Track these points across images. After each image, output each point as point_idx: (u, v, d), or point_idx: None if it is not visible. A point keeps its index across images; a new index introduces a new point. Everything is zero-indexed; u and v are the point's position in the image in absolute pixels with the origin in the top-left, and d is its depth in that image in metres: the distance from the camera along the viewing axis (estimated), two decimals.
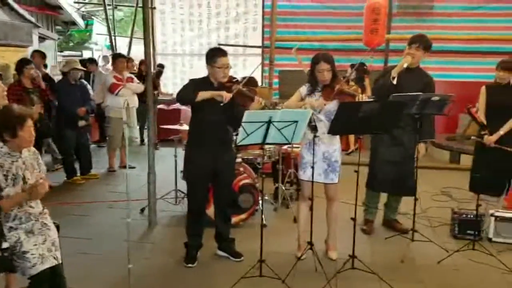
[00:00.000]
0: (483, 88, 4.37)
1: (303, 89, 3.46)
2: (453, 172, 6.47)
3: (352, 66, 7.11)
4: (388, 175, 4.02)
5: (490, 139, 4.14)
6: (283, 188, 4.86)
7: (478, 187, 4.39)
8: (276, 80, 8.88)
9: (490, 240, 3.96)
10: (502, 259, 3.53)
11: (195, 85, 3.31)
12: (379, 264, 3.50)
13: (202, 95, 3.20)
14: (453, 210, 4.16)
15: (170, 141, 5.15)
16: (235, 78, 3.35)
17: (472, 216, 3.93)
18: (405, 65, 3.74)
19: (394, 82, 3.75)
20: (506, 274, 3.36)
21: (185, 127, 4.34)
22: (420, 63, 4.13)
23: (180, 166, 3.80)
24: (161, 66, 8.70)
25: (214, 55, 3.27)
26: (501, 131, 4.14)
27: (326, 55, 3.34)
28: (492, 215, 3.98)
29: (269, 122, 2.83)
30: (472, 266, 3.49)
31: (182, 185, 4.25)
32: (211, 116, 3.24)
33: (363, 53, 6.22)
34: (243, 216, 4.28)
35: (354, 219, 3.29)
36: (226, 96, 3.13)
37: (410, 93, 3.50)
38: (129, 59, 7.78)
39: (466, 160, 6.34)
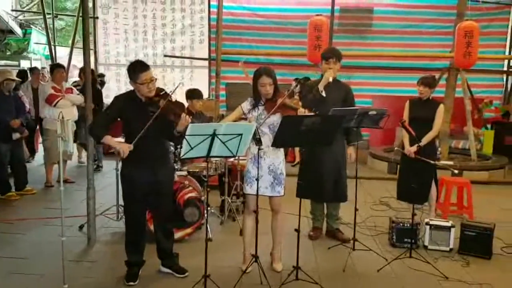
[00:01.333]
0: (407, 103, 4.72)
1: (246, 104, 3.47)
2: (391, 182, 6.72)
3: (296, 80, 7.28)
4: (316, 183, 4.08)
5: (410, 150, 4.43)
6: (229, 200, 4.86)
7: (404, 196, 4.68)
8: (223, 92, 8.94)
9: (426, 247, 4.15)
10: (438, 266, 3.70)
11: (116, 109, 3.22)
12: (322, 274, 3.57)
13: (106, 140, 3.13)
14: (391, 219, 4.33)
15: (112, 154, 4.99)
16: (163, 90, 3.20)
17: (408, 225, 4.11)
18: (330, 79, 3.92)
19: (324, 95, 3.93)
20: (442, 281, 3.51)
21: None
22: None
23: None
24: (101, 76, 8.46)
25: (135, 71, 3.13)
26: (421, 143, 4.43)
27: (268, 69, 3.39)
28: (427, 223, 4.19)
29: (213, 135, 2.83)
30: (410, 274, 3.63)
31: None
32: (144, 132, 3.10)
33: (308, 68, 6.41)
34: (188, 230, 4.21)
35: (297, 231, 3.34)
36: (125, 150, 3.05)
37: (349, 108, 3.66)
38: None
39: None
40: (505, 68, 9.52)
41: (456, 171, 4.62)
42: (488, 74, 9.31)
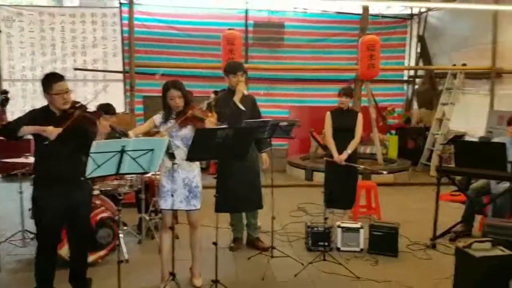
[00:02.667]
0: (328, 113, 4.96)
1: (158, 117, 3.44)
2: (308, 188, 7.02)
3: (215, 92, 7.34)
4: (234, 194, 4.12)
5: (340, 158, 4.70)
6: (147, 218, 4.72)
7: (331, 202, 4.90)
8: (140, 106, 8.72)
9: (338, 249, 4.36)
10: (349, 266, 3.91)
11: (31, 117, 3.02)
12: (242, 285, 3.61)
13: (26, 130, 2.93)
14: (306, 224, 4.49)
15: (12, 177, 4.61)
16: (78, 102, 3.09)
17: (322, 229, 4.29)
18: (245, 92, 4.05)
19: (243, 108, 4.03)
20: (354, 281, 3.70)
21: (32, 159, 3.95)
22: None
23: (27, 204, 3.42)
24: (5, 93, 7.80)
25: (49, 81, 3.00)
26: (349, 150, 4.74)
27: (176, 82, 3.39)
28: (339, 226, 4.41)
29: (122, 152, 2.74)
30: (324, 276, 3.77)
31: (30, 225, 3.82)
32: (57, 148, 2.95)
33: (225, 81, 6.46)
34: (102, 253, 4.01)
35: (215, 244, 3.33)
36: (52, 132, 2.87)
37: (261, 119, 3.77)
38: None
39: (319, 177, 6.98)
40: (405, 78, 10.40)
41: (384, 172, 5.00)
42: (390, 84, 10.10)
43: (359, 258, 4.20)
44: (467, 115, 8.34)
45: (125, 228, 4.70)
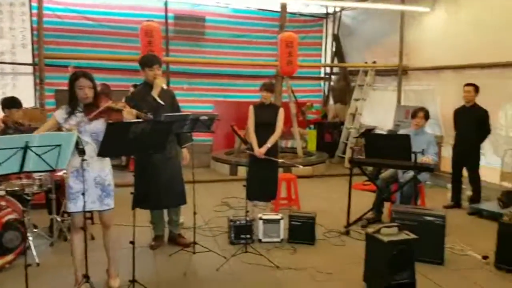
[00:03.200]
0: (251, 107, 5.01)
1: (60, 113, 3.16)
2: (232, 183, 7.08)
3: (134, 86, 7.09)
4: (152, 190, 4.05)
5: (260, 151, 4.79)
6: (59, 219, 4.43)
7: (253, 195, 4.97)
8: (52, 100, 8.15)
9: (260, 241, 4.45)
10: (270, 257, 4.00)
11: None
12: (163, 282, 3.54)
13: None
14: (229, 218, 4.52)
15: None
16: None
17: (244, 222, 4.35)
18: (164, 86, 3.97)
19: (162, 102, 3.93)
20: (274, 270, 3.80)
21: None
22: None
23: None
24: None
25: None
26: (268, 144, 4.83)
27: (86, 72, 3.19)
28: (260, 218, 4.49)
29: (25, 148, 2.53)
30: (246, 268, 3.83)
31: None
32: None
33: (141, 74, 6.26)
34: (9, 257, 3.71)
35: (132, 243, 3.22)
36: None
37: (180, 113, 3.70)
38: None
39: (243, 172, 7.05)
40: (322, 75, 10.85)
41: (300, 166, 5.16)
42: (308, 80, 10.50)
43: (279, 248, 4.32)
44: (377, 110, 8.93)
45: (35, 230, 4.39)
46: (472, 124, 5.51)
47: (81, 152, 2.93)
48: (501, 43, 6.04)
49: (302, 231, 4.46)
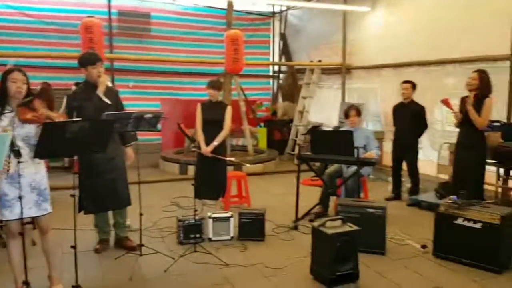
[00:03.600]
0: (198, 105, 5.00)
1: None
2: (182, 182, 7.00)
3: (76, 84, 6.82)
4: (96, 192, 3.95)
5: (206, 150, 4.78)
6: None
7: (201, 194, 4.94)
8: None
9: (210, 240, 4.44)
10: (219, 255, 4.00)
11: None
12: (109, 287, 3.44)
13: None
14: (177, 218, 4.46)
15: None
16: None
17: (193, 221, 4.32)
18: (109, 84, 3.90)
19: (108, 101, 3.83)
20: (223, 268, 3.80)
21: None
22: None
23: None
24: None
25: None
26: (215, 142, 4.83)
27: (20, 68, 3.03)
28: (210, 217, 4.48)
29: None
30: (194, 268, 3.80)
31: None
32: None
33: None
34: None
35: (74, 247, 3.11)
36: None
37: (123, 112, 3.61)
38: None
39: (193, 170, 6.97)
40: (270, 73, 10.98)
41: (247, 165, 5.20)
42: (258, 78, 10.59)
43: (229, 246, 4.33)
44: (323, 107, 9.17)
45: None
46: (409, 120, 5.80)
47: (16, 154, 2.77)
48: (436, 42, 6.40)
49: (252, 228, 4.49)
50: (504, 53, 5.35)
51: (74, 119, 2.98)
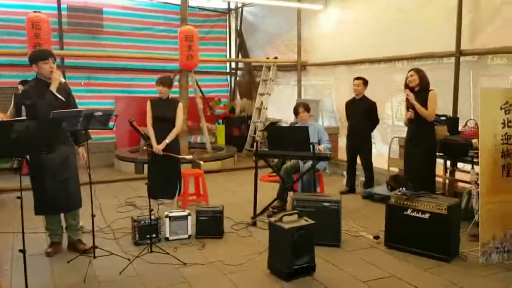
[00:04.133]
0: (148, 102, 4.91)
1: None
2: (138, 181, 6.84)
3: (21, 82, 6.52)
4: (48, 194, 3.85)
5: (158, 148, 4.71)
6: None
7: (155, 193, 4.86)
8: None
9: (167, 239, 4.38)
10: (177, 254, 3.94)
11: None
12: None
13: None
14: (132, 218, 4.37)
15: None
16: None
17: (148, 221, 4.24)
18: (62, 80, 3.78)
19: (62, 97, 3.75)
20: (181, 267, 3.74)
21: None
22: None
23: None
24: None
25: None
26: (167, 140, 4.77)
27: None
28: (166, 216, 4.41)
29: None
30: (151, 268, 3.73)
31: None
32: None
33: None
34: None
35: (22, 251, 2.97)
36: None
37: (71, 109, 3.50)
38: None
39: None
40: (228, 70, 10.94)
41: (202, 162, 5.18)
42: (215, 75, 10.52)
43: (187, 245, 4.29)
44: (281, 104, 9.25)
45: None
46: (361, 115, 5.97)
47: None
48: (386, 40, 6.60)
49: (210, 226, 4.47)
50: (449, 50, 5.60)
51: (19, 119, 2.84)
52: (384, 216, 4.20)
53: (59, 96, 3.73)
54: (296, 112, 5.45)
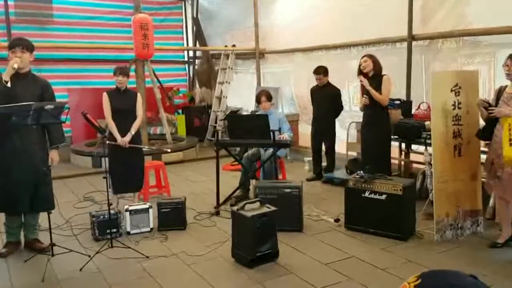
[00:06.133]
0: (104, 94, 4.76)
1: None
2: (96, 176, 6.65)
3: None
4: (10, 192, 3.70)
5: (124, 140, 4.59)
6: None
7: (120, 188, 4.75)
8: None
9: (129, 233, 4.30)
10: (139, 248, 3.88)
11: None
12: None
13: None
14: (91, 213, 4.26)
15: None
16: None
17: (108, 215, 4.12)
18: (15, 66, 3.58)
19: (9, 85, 3.56)
20: (143, 261, 3.69)
21: None
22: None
23: None
24: None
25: None
26: (132, 131, 4.66)
27: None
28: (126, 210, 4.32)
29: None
30: (112, 264, 3.65)
31: None
32: None
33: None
34: None
35: None
36: None
37: (20, 104, 3.34)
38: None
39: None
40: (186, 59, 10.76)
41: (169, 150, 5.08)
42: (172, 64, 10.33)
43: (149, 238, 4.23)
44: (241, 92, 9.23)
45: None
46: (327, 102, 6.03)
47: None
48: (340, 26, 6.69)
49: (172, 217, 4.43)
50: (402, 35, 5.75)
51: None
52: (344, 199, 4.31)
53: (8, 86, 3.54)
54: (258, 100, 5.46)
